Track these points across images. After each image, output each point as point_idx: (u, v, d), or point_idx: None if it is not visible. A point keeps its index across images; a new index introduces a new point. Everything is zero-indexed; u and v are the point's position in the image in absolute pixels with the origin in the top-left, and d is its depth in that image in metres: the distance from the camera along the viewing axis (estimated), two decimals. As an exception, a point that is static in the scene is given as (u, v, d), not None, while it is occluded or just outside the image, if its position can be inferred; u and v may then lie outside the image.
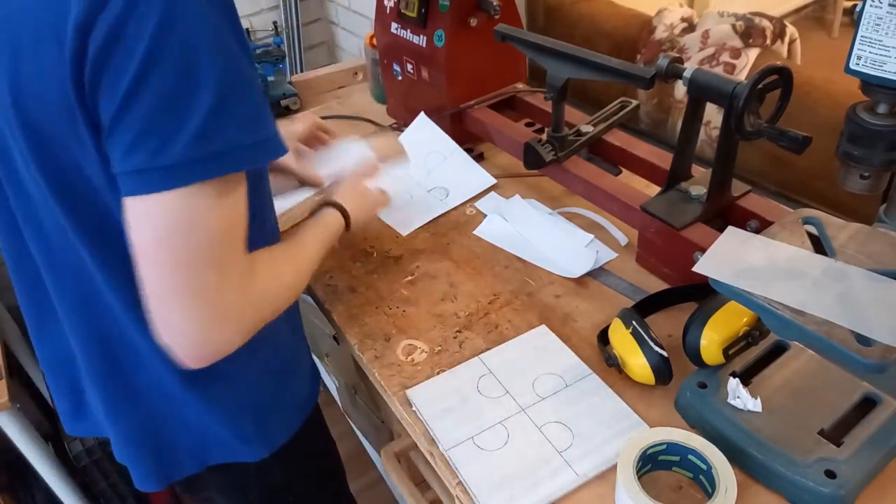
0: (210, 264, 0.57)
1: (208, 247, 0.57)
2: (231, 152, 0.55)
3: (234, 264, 0.59)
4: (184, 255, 0.56)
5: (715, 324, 0.73)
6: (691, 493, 0.69)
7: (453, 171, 1.19)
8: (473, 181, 1.17)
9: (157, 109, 0.52)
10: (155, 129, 0.52)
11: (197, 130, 0.52)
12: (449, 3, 1.14)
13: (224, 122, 0.54)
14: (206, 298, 0.57)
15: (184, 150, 0.52)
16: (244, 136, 0.56)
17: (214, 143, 0.54)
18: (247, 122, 0.56)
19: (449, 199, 1.15)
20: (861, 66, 0.62)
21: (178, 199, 0.54)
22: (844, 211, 0.99)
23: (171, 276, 0.56)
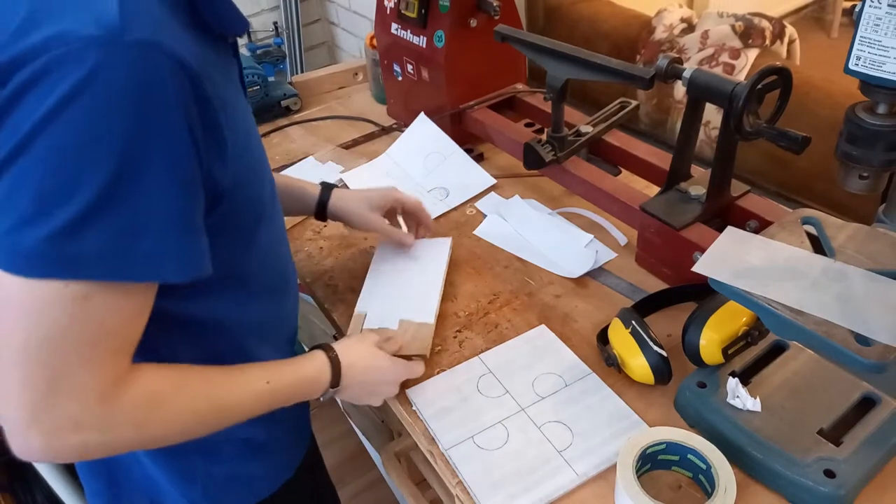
0: (44, 369, 0.51)
1: (47, 350, 0.51)
2: (88, 262, 0.49)
3: (82, 376, 0.52)
4: (21, 346, 0.50)
5: (714, 324, 0.73)
6: (691, 492, 0.69)
7: (453, 171, 1.19)
8: (473, 181, 1.17)
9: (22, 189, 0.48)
10: (15, 207, 0.48)
11: (54, 228, 0.48)
12: (449, 4, 1.14)
13: (87, 233, 0.48)
14: (27, 396, 0.51)
15: (36, 242, 0.48)
16: (110, 250, 0.50)
17: (70, 248, 0.48)
18: (121, 238, 0.50)
19: (449, 199, 1.15)
20: (860, 66, 0.62)
21: (25, 286, 0.49)
22: (843, 211, 0.99)
23: (8, 358, 0.51)
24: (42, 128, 0.46)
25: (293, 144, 1.38)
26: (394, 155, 1.26)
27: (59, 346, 0.51)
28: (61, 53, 0.46)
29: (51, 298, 0.49)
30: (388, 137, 1.37)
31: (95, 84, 0.46)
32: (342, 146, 1.33)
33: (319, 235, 1.11)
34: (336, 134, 1.40)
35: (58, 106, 0.46)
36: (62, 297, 0.50)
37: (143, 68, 0.48)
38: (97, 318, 0.52)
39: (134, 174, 0.49)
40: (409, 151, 1.24)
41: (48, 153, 0.47)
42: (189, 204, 0.54)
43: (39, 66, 0.46)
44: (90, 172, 0.48)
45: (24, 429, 0.52)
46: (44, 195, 0.48)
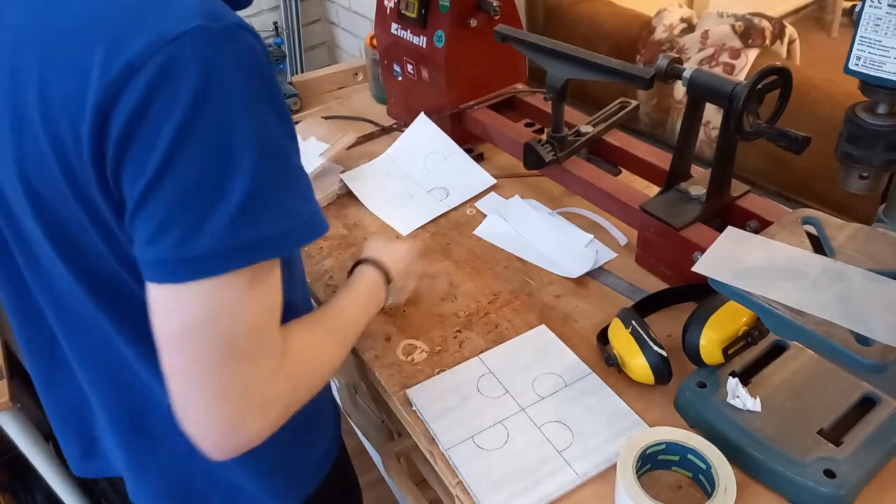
0: (240, 357, 0.53)
1: (239, 339, 0.52)
2: (263, 243, 0.51)
3: (266, 353, 0.55)
4: (212, 349, 0.51)
5: (714, 323, 0.73)
6: (691, 492, 0.69)
7: (453, 171, 1.19)
8: (473, 181, 1.17)
9: (183, 199, 0.48)
10: (180, 219, 0.48)
11: (227, 222, 0.49)
12: (449, 4, 1.14)
13: (257, 213, 0.50)
14: (235, 394, 0.53)
15: (211, 242, 0.49)
16: (278, 224, 0.52)
17: (245, 235, 0.50)
18: (283, 210, 0.52)
19: (449, 199, 1.15)
20: (860, 66, 0.62)
21: (205, 290, 0.50)
22: (843, 211, 0.99)
23: (198, 369, 0.52)
24: (184, 134, 0.47)
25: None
26: (394, 155, 1.26)
27: (246, 339, 0.52)
28: (170, 53, 0.46)
29: (229, 294, 0.51)
30: (388, 137, 1.37)
31: (214, 75, 0.47)
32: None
33: (319, 235, 1.11)
34: (336, 134, 1.40)
35: (192, 106, 0.46)
36: (238, 288, 0.51)
37: (247, 49, 0.49)
38: (267, 299, 0.54)
39: (271, 148, 0.50)
40: (409, 152, 1.24)
41: (198, 155, 0.47)
42: (302, 169, 0.56)
43: (155, 72, 0.46)
44: (239, 157, 0.48)
45: (240, 424, 0.54)
46: (205, 195, 0.48)
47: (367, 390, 1.18)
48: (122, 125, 0.47)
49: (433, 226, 1.11)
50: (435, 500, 0.97)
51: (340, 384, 1.41)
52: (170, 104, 0.46)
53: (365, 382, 1.13)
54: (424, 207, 1.14)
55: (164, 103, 0.46)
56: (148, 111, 0.46)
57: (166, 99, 0.46)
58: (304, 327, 0.64)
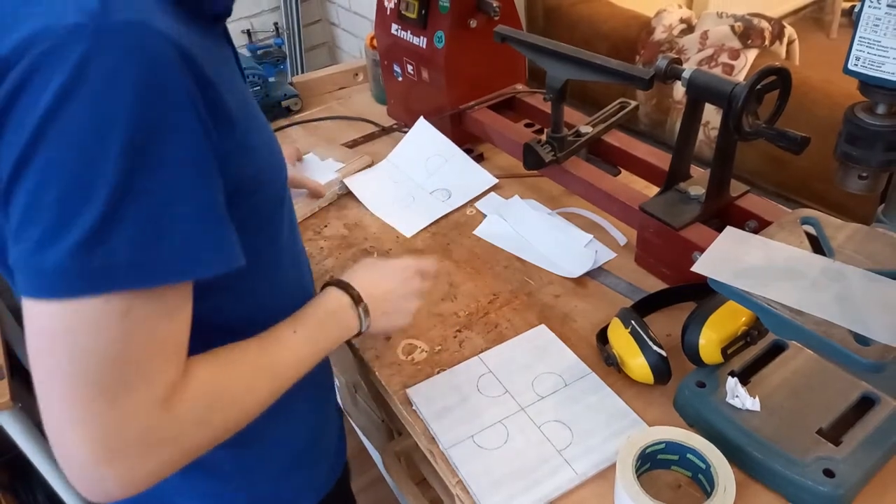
0: (101, 393, 0.47)
1: (101, 370, 0.46)
2: (120, 269, 0.45)
3: (138, 394, 0.48)
4: (70, 377, 0.46)
5: (713, 323, 0.73)
6: (690, 491, 0.69)
7: (455, 172, 1.20)
8: (475, 182, 1.17)
9: (36, 199, 0.44)
10: (35, 219, 0.44)
11: (81, 237, 0.43)
12: (449, 5, 1.14)
13: (120, 232, 0.44)
14: (96, 431, 0.47)
15: (62, 256, 0.43)
16: (148, 250, 0.46)
17: (104, 257, 0.44)
18: (155, 233, 0.46)
19: (451, 199, 1.15)
20: (859, 66, 0.62)
21: (60, 310, 0.45)
22: (842, 211, 0.99)
23: (59, 393, 0.46)
24: (41, 132, 0.43)
25: (293, 145, 1.38)
26: (395, 159, 1.26)
27: (112, 369, 0.47)
28: (47, 47, 0.43)
29: (92, 320, 0.45)
30: (388, 138, 1.37)
31: (88, 73, 0.43)
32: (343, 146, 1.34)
33: (319, 235, 1.12)
34: (336, 134, 1.40)
35: (54, 105, 0.43)
36: (103, 315, 0.45)
37: (135, 48, 0.44)
38: (145, 330, 0.48)
39: (147, 165, 0.45)
40: (410, 155, 1.25)
41: (54, 158, 0.43)
42: (210, 192, 0.50)
43: (27, 65, 0.43)
44: (101, 170, 0.43)
45: (93, 468, 0.48)
46: (58, 206, 0.44)
47: (367, 390, 1.18)
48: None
49: (433, 226, 1.11)
50: (435, 499, 0.97)
51: (340, 384, 1.41)
52: (32, 101, 0.43)
53: (365, 382, 1.13)
54: (427, 209, 1.14)
55: (29, 99, 0.43)
56: (15, 105, 0.43)
57: (30, 95, 0.43)
58: (222, 359, 0.57)
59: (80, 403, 0.47)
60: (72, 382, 0.46)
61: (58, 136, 0.43)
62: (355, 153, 1.28)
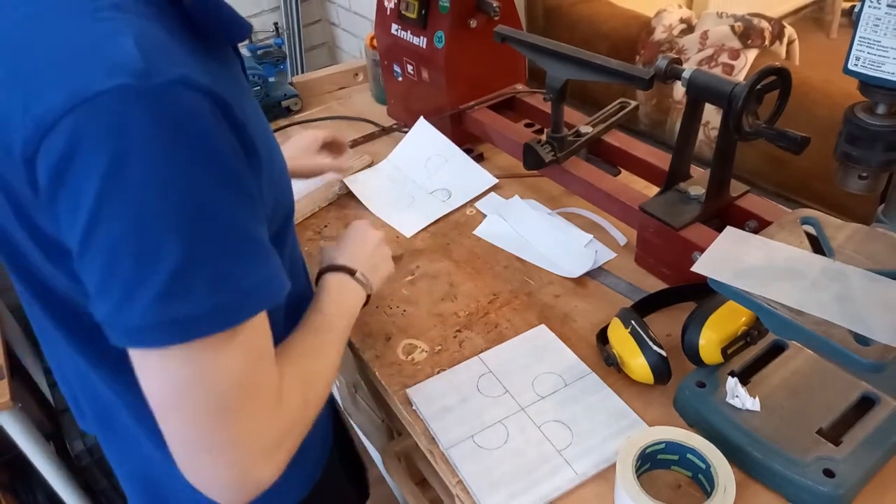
0: (234, 414, 0.51)
1: (227, 396, 0.51)
2: (200, 317, 0.48)
3: (260, 400, 0.53)
4: (201, 411, 0.50)
5: (713, 323, 0.73)
6: (690, 491, 0.69)
7: (455, 172, 1.20)
8: (475, 182, 1.17)
9: (110, 266, 0.46)
10: (111, 285, 0.46)
11: (159, 292, 0.46)
12: (449, 5, 1.14)
13: (193, 283, 0.47)
14: (237, 448, 0.52)
15: (146, 311, 0.46)
16: (223, 295, 0.48)
17: (182, 308, 0.46)
18: (224, 282, 0.48)
19: (451, 200, 1.15)
20: (859, 66, 0.62)
21: (165, 357, 0.48)
22: (843, 211, 0.99)
23: (195, 430, 0.50)
24: (103, 201, 0.44)
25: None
26: (395, 160, 1.26)
27: (235, 393, 0.51)
28: (86, 114, 0.42)
29: (198, 358, 0.49)
30: (388, 138, 1.37)
31: (139, 137, 0.43)
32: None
33: (320, 235, 1.12)
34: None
35: (110, 173, 0.43)
36: (205, 352, 0.49)
37: (183, 110, 0.45)
38: (244, 352, 0.51)
39: (209, 215, 0.47)
40: (410, 155, 1.25)
41: (120, 224, 0.44)
42: (260, 228, 0.53)
43: (69, 134, 0.42)
44: (167, 227, 0.45)
45: (240, 486, 0.53)
46: (132, 265, 0.45)
47: (367, 390, 1.18)
48: (49, 179, 0.45)
49: (433, 226, 1.11)
50: (435, 499, 0.98)
51: (340, 384, 1.41)
52: (86, 170, 0.43)
53: (365, 382, 1.13)
54: (427, 209, 1.14)
55: (82, 168, 0.43)
56: (67, 173, 0.44)
57: (82, 164, 0.43)
58: (289, 350, 0.63)
59: (223, 430, 0.51)
60: (209, 416, 0.50)
61: (118, 203, 0.44)
62: (355, 153, 1.28)
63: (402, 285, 0.99)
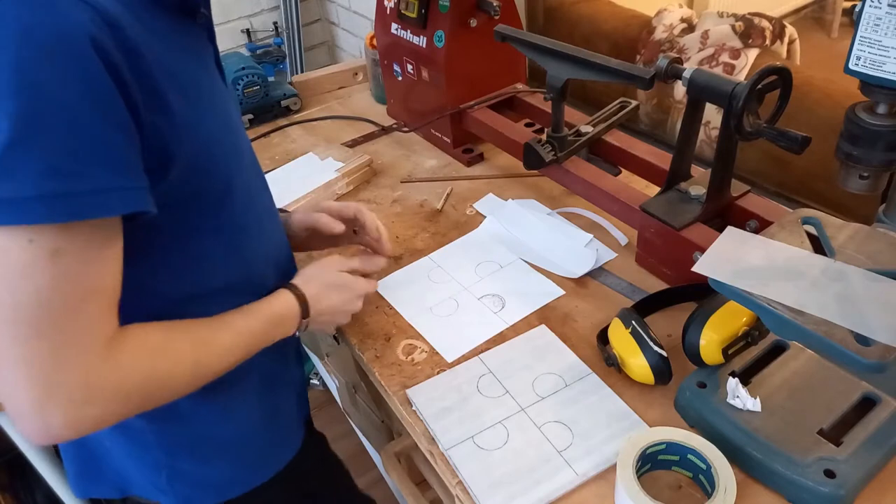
0: (39, 335, 0.50)
1: (36, 314, 0.50)
2: (29, 200, 0.48)
3: (70, 338, 0.52)
4: (7, 315, 0.50)
5: (714, 324, 0.73)
6: (691, 492, 0.69)
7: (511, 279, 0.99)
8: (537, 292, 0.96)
9: None
10: None
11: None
12: (449, 4, 1.14)
13: (20, 163, 0.47)
14: (34, 372, 0.51)
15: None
16: (50, 183, 0.48)
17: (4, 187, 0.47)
18: (57, 171, 0.48)
19: (504, 311, 0.93)
20: (860, 66, 0.62)
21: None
22: (843, 211, 0.99)
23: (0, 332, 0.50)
24: None
25: (293, 144, 1.39)
26: (438, 259, 1.05)
27: (51, 311, 0.50)
28: None
29: (23, 260, 0.49)
30: (388, 138, 1.37)
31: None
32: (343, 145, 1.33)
33: (319, 235, 1.11)
34: (336, 134, 1.40)
35: None
36: (33, 255, 0.49)
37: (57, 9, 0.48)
38: (76, 273, 0.51)
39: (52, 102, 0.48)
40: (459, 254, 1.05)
41: None
42: (119, 142, 0.52)
43: None
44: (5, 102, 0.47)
45: (39, 409, 0.51)
46: None
47: (367, 390, 1.18)
48: None
49: (433, 226, 1.11)
50: (435, 500, 0.97)
51: (340, 384, 1.41)
52: None
53: (365, 382, 1.13)
54: (475, 322, 0.92)
55: None
56: None
57: None
58: (166, 324, 0.62)
59: (18, 343, 0.50)
60: (14, 325, 0.50)
61: None
62: (355, 153, 1.27)
63: (402, 285, 0.99)
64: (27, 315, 0.50)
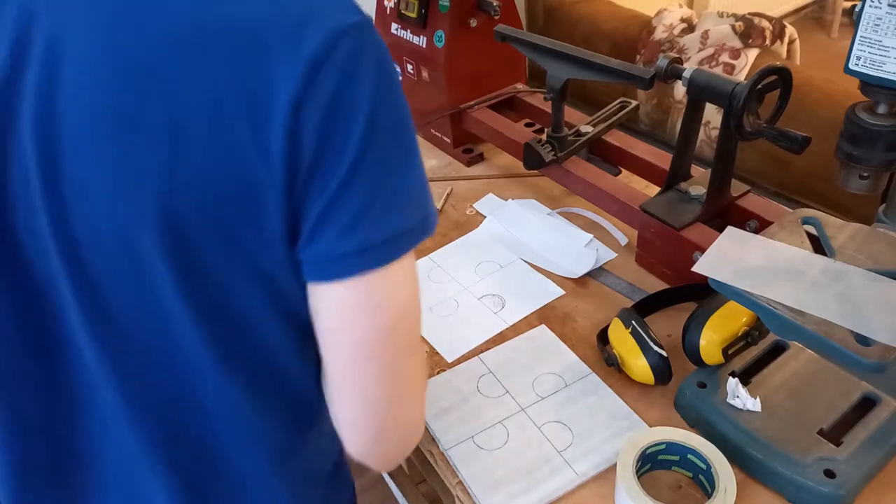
0: (419, 352, 0.52)
1: (417, 330, 0.51)
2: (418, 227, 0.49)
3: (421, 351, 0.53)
4: (405, 344, 0.50)
5: (714, 323, 0.73)
6: (691, 492, 0.69)
7: (511, 279, 0.99)
8: (537, 293, 0.96)
9: (381, 177, 0.47)
10: (378, 201, 0.46)
11: (416, 195, 0.48)
12: (449, 4, 1.14)
13: (424, 197, 0.49)
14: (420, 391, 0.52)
15: (405, 217, 0.47)
16: (428, 207, 0.50)
17: (426, 209, 0.49)
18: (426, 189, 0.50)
19: (504, 312, 0.93)
20: (860, 66, 0.62)
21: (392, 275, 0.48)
22: (843, 211, 0.99)
23: (396, 371, 0.50)
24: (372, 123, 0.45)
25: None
26: (438, 259, 1.05)
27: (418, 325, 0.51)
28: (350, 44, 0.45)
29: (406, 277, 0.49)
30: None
31: (384, 64, 0.47)
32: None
33: (319, 235, 1.11)
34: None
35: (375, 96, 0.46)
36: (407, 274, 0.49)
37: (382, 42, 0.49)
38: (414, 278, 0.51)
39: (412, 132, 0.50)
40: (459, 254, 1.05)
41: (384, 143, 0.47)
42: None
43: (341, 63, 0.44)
44: (413, 142, 0.49)
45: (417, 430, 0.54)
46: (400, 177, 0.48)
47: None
48: (317, 124, 0.44)
49: (433, 226, 1.11)
50: (435, 499, 0.97)
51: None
52: (357, 95, 0.45)
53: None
54: (475, 322, 0.92)
55: (353, 94, 0.45)
56: (340, 103, 0.44)
57: (354, 90, 0.45)
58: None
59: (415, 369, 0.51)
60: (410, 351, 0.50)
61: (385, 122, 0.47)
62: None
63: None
64: (415, 337, 0.51)
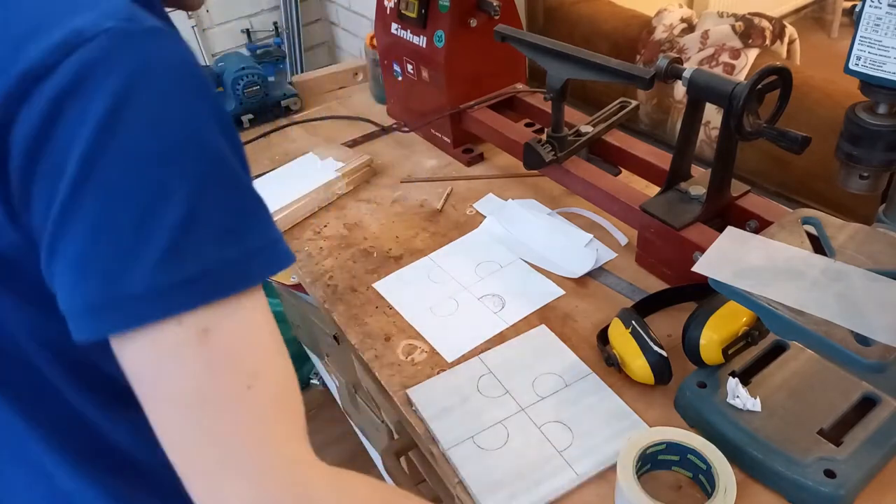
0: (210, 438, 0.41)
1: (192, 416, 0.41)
2: (216, 271, 0.41)
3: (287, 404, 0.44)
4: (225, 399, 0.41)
5: (714, 323, 0.73)
6: (691, 492, 0.69)
7: (511, 279, 0.99)
8: (537, 292, 0.96)
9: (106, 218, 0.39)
10: (107, 247, 0.39)
11: (166, 248, 0.39)
12: (449, 4, 1.14)
13: (201, 235, 0.40)
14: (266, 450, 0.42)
15: (155, 272, 0.39)
16: (229, 250, 0.42)
17: (193, 264, 0.40)
18: (230, 233, 0.42)
19: (504, 311, 0.93)
20: (860, 66, 0.62)
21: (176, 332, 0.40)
22: (843, 211, 0.99)
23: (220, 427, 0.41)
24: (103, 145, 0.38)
25: (293, 144, 1.39)
26: (436, 259, 1.04)
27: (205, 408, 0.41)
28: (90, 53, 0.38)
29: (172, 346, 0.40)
30: (388, 138, 1.37)
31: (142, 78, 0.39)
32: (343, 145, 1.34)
33: (319, 235, 1.11)
34: (336, 134, 1.40)
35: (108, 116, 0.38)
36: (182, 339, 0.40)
37: (172, 52, 0.42)
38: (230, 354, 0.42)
39: (215, 159, 0.42)
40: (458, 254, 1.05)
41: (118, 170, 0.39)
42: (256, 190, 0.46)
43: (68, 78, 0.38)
44: (172, 172, 0.40)
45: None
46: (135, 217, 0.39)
47: (367, 390, 1.18)
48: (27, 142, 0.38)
49: (433, 226, 1.11)
50: (435, 499, 0.97)
51: (340, 384, 1.41)
52: (80, 116, 0.38)
53: (365, 382, 1.13)
54: (475, 322, 0.92)
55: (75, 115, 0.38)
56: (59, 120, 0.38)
57: (79, 110, 0.38)
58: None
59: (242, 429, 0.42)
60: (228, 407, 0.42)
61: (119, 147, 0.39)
62: (355, 153, 1.28)
63: (402, 285, 0.99)
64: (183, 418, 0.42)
